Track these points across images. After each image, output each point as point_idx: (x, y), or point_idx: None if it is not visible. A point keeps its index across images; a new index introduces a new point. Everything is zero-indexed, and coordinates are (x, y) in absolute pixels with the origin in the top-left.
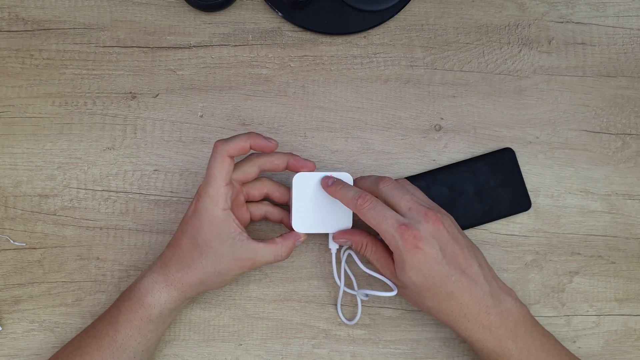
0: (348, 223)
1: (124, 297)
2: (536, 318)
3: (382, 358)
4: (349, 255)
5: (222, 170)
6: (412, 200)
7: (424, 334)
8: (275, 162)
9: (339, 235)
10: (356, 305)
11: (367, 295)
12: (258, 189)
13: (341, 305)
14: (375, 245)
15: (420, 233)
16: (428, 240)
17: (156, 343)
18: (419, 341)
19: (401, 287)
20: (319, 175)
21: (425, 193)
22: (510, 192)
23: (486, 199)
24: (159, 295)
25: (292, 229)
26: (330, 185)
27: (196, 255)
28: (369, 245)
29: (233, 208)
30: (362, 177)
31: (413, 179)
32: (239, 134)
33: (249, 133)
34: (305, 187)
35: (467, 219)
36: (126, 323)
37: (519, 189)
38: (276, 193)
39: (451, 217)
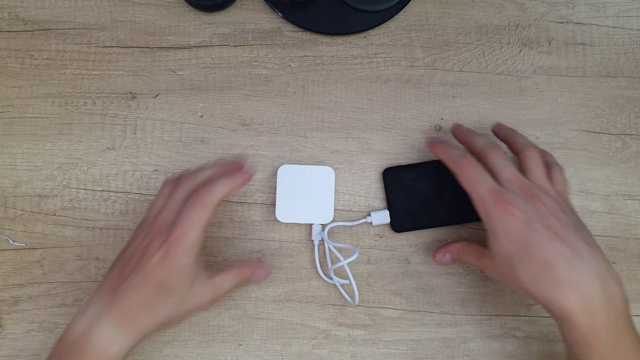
0: (329, 216)
1: (77, 356)
2: (536, 318)
3: (382, 358)
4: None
5: (204, 220)
6: (515, 174)
7: (424, 334)
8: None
9: (438, 256)
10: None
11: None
12: None
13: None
14: (467, 246)
15: (513, 199)
16: (521, 206)
17: None
18: (419, 341)
19: (494, 265)
20: (303, 168)
21: (413, 184)
22: None
23: None
24: (121, 344)
25: None
26: (435, 144)
27: (160, 301)
28: (463, 248)
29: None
30: (473, 132)
31: (401, 169)
32: (217, 182)
33: (227, 178)
34: (289, 178)
35: (451, 215)
36: None
37: None
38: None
39: (561, 199)
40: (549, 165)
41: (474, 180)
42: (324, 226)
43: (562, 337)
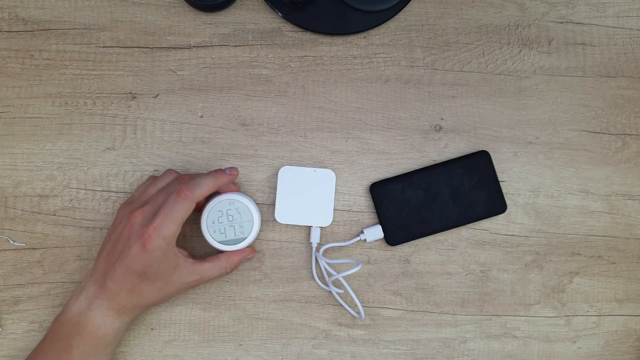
0: (329, 219)
1: (74, 332)
2: (536, 318)
3: (382, 358)
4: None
5: (185, 215)
6: None
7: (424, 334)
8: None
9: None
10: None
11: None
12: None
13: (342, 305)
14: None
15: None
16: None
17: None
18: (419, 341)
19: None
20: (304, 169)
21: (401, 196)
22: (486, 195)
23: (461, 201)
24: (112, 325)
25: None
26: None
27: (145, 286)
28: None
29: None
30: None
31: (389, 182)
32: (202, 178)
33: (213, 175)
34: (289, 180)
35: (443, 222)
36: (81, 354)
37: (494, 192)
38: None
39: None
40: None
41: None
42: (318, 246)
43: None
